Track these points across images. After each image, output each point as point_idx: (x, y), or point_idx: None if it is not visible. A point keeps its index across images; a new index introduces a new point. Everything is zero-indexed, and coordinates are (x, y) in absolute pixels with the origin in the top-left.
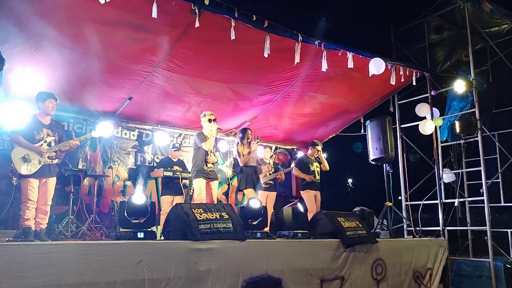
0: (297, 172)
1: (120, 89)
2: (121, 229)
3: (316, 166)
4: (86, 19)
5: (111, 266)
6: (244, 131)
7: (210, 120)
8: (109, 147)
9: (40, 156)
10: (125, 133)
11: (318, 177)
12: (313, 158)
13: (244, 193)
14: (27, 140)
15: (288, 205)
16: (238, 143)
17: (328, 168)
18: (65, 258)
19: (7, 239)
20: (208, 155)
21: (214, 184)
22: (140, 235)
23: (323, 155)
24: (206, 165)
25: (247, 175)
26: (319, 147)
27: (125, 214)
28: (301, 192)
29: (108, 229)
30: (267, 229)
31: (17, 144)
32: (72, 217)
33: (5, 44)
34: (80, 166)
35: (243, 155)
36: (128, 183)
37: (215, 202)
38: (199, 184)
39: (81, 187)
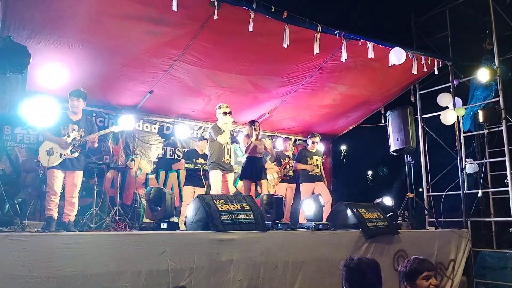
0: (297, 165)
1: (141, 83)
2: (144, 220)
3: (316, 159)
4: (107, 14)
5: (135, 256)
6: (251, 123)
7: (225, 113)
8: (131, 140)
9: (62, 148)
10: (147, 126)
11: (317, 170)
12: (313, 151)
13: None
14: (54, 135)
15: (309, 196)
16: (245, 134)
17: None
18: (91, 248)
19: (36, 229)
20: (224, 148)
21: (230, 176)
22: (163, 226)
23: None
24: (224, 157)
25: (245, 165)
26: (316, 139)
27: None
28: (300, 185)
29: (131, 221)
30: (287, 220)
31: (45, 138)
32: (96, 209)
33: (30, 40)
34: (103, 159)
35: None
36: (150, 175)
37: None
38: (215, 176)
39: (104, 179)
